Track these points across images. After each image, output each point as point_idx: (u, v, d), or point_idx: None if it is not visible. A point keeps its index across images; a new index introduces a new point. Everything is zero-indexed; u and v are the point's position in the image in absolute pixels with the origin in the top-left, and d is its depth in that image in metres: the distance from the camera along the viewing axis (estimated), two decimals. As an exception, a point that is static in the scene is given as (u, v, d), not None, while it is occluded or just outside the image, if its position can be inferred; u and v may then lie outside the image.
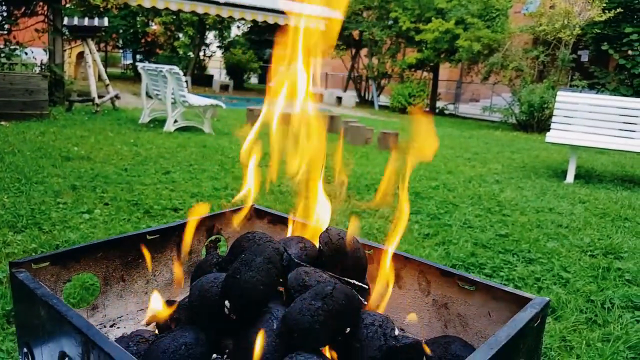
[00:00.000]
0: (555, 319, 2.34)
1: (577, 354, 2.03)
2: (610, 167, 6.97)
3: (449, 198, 4.43)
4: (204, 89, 18.11)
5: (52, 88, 8.55)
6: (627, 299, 2.55)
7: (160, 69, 7.38)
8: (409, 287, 1.15)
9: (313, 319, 0.81)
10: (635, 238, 3.59)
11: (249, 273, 0.89)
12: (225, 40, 23.26)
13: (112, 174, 4.41)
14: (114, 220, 3.26)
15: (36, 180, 3.99)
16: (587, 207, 4.42)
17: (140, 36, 21.77)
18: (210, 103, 7.48)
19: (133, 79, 19.29)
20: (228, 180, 4.47)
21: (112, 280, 1.18)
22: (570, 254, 3.19)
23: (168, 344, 0.87)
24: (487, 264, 2.91)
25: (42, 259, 1.02)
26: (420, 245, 3.17)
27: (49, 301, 0.84)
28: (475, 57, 13.88)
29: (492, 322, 1.01)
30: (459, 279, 1.05)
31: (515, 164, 6.67)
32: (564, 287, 2.68)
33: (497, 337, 0.76)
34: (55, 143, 5.61)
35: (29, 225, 3.02)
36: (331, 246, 1.05)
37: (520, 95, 11.94)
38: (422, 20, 14.92)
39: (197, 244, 1.36)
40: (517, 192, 4.85)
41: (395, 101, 15.69)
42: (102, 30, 9.87)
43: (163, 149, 5.84)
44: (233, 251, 1.11)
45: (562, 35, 11.85)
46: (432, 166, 5.99)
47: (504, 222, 3.79)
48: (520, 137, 10.60)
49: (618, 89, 12.63)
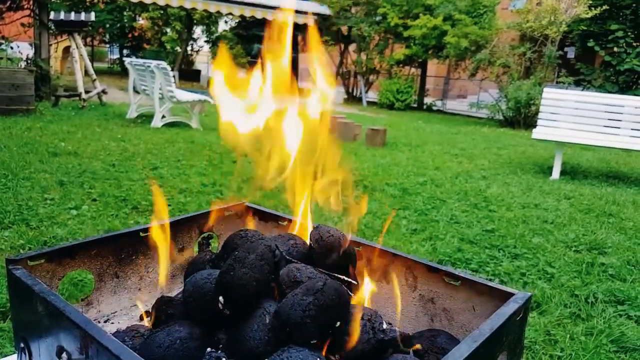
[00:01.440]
0: (540, 313, 2.38)
1: (561, 348, 2.08)
2: (595, 163, 7.06)
3: (437, 194, 4.48)
4: (191, 83, 18.04)
5: (38, 83, 8.48)
6: (610, 293, 2.61)
7: (148, 64, 7.35)
8: (396, 282, 1.18)
9: (304, 313, 0.84)
10: (619, 233, 3.66)
11: (242, 270, 0.91)
12: (213, 35, 23.13)
13: (99, 169, 4.40)
14: (102, 216, 3.27)
15: (23, 176, 3.98)
16: (572, 203, 4.48)
17: (127, 31, 21.62)
18: (198, 98, 7.47)
19: (120, 74, 19.15)
20: (216, 177, 4.48)
21: (106, 276, 1.20)
22: (555, 249, 3.24)
23: (163, 339, 0.89)
24: (474, 259, 2.96)
25: (38, 256, 1.04)
26: (407, 241, 3.21)
27: (47, 297, 0.86)
28: (462, 54, 13.93)
29: (477, 316, 1.04)
30: (444, 274, 1.08)
31: (501, 160, 6.74)
32: (548, 282, 2.74)
33: (481, 331, 0.80)
34: (42, 138, 5.59)
35: (16, 222, 3.02)
36: (321, 243, 1.08)
37: (507, 91, 12.02)
38: (410, 16, 14.95)
39: (189, 241, 1.38)
40: (503, 188, 4.90)
41: (384, 97, 15.71)
42: (89, 25, 9.79)
43: (151, 144, 5.83)
44: (226, 248, 1.13)
45: (548, 32, 11.94)
46: (420, 162, 6.04)
47: (490, 218, 3.84)
48: (507, 133, 10.68)
49: (604, 86, 12.76)
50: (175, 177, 4.38)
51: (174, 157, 5.20)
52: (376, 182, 4.74)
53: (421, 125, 11.07)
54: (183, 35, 20.51)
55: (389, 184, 4.71)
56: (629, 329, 2.24)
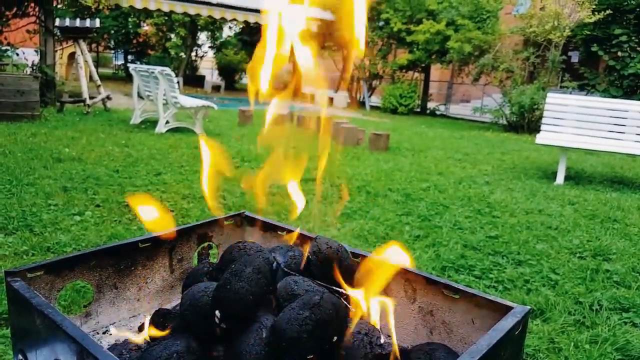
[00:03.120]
0: (544, 320, 2.37)
1: (565, 356, 2.07)
2: (599, 168, 7.03)
3: (440, 199, 4.47)
4: (195, 89, 18.10)
5: (43, 89, 8.53)
6: (615, 300, 2.59)
7: (152, 70, 7.37)
8: (395, 295, 1.17)
9: (301, 328, 0.84)
10: (624, 239, 3.64)
11: (239, 284, 0.91)
12: (217, 40, 23.23)
13: (103, 175, 4.41)
14: (105, 222, 3.27)
15: (27, 181, 3.99)
16: (577, 209, 4.46)
17: (131, 37, 21.71)
18: (202, 104, 7.48)
19: (124, 80, 19.25)
20: (219, 182, 4.48)
21: (105, 287, 1.20)
22: (559, 255, 3.23)
23: (160, 352, 0.89)
24: (477, 266, 2.94)
25: (36, 268, 1.04)
26: (410, 247, 3.20)
27: (44, 310, 0.86)
28: (466, 58, 13.95)
29: (476, 329, 1.04)
30: (443, 287, 1.07)
31: (505, 165, 6.72)
32: (552, 289, 2.72)
33: (479, 346, 0.79)
34: (47, 144, 5.61)
35: (20, 227, 3.02)
36: (320, 255, 1.07)
37: (511, 96, 12.01)
38: (413, 21, 14.97)
39: (188, 252, 1.38)
40: (507, 194, 4.89)
41: (387, 102, 15.74)
42: (94, 31, 9.85)
43: (154, 150, 5.84)
44: (224, 260, 1.13)
45: (552, 36, 11.93)
46: (423, 167, 6.03)
47: (493, 224, 3.82)
48: (510, 138, 10.66)
49: (608, 90, 12.73)
50: (178, 183, 4.38)
51: (177, 163, 5.21)
52: (379, 188, 4.74)
53: (424, 130, 11.06)
54: (187, 41, 20.60)
55: (391, 190, 4.70)
56: (634, 336, 2.22)
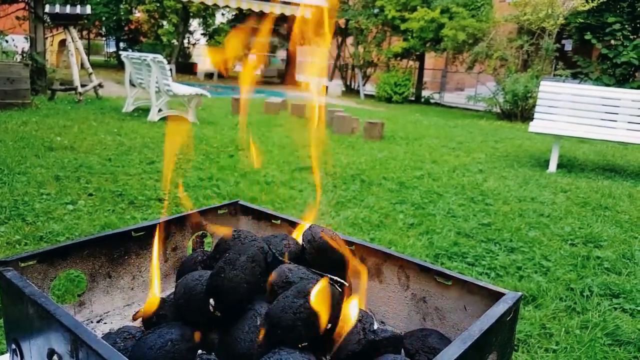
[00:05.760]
0: (536, 307, 2.39)
1: (556, 341, 2.09)
2: (592, 156, 7.07)
3: (433, 187, 4.48)
4: (188, 77, 18.00)
5: (33, 77, 8.45)
6: (605, 286, 2.62)
7: (144, 57, 7.32)
8: (389, 282, 1.18)
9: (295, 316, 0.84)
10: (615, 227, 3.67)
11: (233, 272, 0.92)
12: (210, 28, 23.04)
13: (96, 164, 4.40)
14: (98, 211, 3.26)
15: (19, 170, 3.97)
16: (569, 197, 4.49)
17: (123, 24, 21.52)
18: (195, 92, 7.44)
19: (116, 67, 19.10)
20: (213, 171, 4.47)
21: (98, 276, 1.20)
22: (551, 242, 3.25)
23: (154, 340, 0.89)
24: (470, 253, 2.96)
25: (29, 258, 1.04)
26: (404, 235, 3.21)
27: (37, 300, 0.86)
28: (460, 47, 13.93)
29: (468, 315, 1.04)
30: (436, 274, 1.08)
31: (498, 154, 6.74)
32: (544, 275, 2.74)
33: (470, 332, 0.80)
34: (38, 133, 5.57)
35: (12, 217, 3.01)
36: (314, 243, 1.08)
37: (505, 84, 12.02)
38: (407, 9, 14.93)
39: (182, 240, 1.38)
40: (500, 182, 4.91)
41: (381, 90, 15.71)
42: (85, 18, 9.75)
43: (147, 138, 5.82)
44: (218, 249, 1.13)
45: (546, 24, 11.93)
46: (417, 156, 6.04)
47: (486, 212, 3.84)
48: (504, 126, 10.69)
49: (601, 79, 12.76)
50: (172, 172, 4.37)
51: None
52: (373, 176, 4.74)
53: (419, 118, 11.07)
54: (180, 28, 20.42)
55: (386, 178, 4.71)
56: (624, 322, 2.25)
